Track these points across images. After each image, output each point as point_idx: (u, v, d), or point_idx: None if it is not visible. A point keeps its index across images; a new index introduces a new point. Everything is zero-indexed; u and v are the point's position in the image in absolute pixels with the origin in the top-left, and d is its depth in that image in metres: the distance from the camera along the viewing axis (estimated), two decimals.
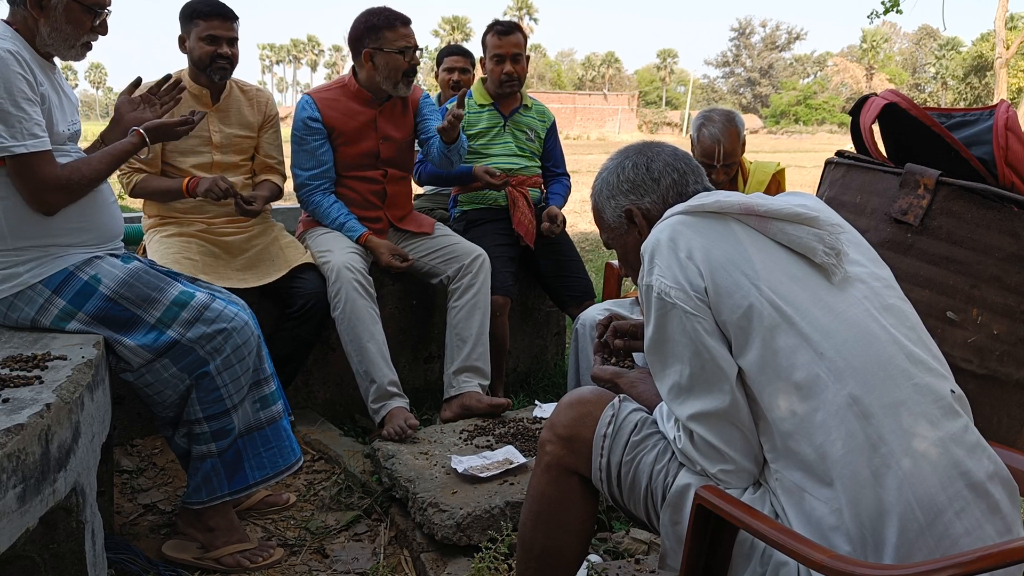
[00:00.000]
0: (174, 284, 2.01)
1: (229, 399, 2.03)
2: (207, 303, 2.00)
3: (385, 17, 2.76)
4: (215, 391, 2.00)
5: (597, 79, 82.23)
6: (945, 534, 1.15)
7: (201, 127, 2.70)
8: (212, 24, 2.62)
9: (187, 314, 1.96)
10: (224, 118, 2.77)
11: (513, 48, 3.19)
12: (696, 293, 1.29)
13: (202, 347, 1.97)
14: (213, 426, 2.03)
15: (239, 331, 2.02)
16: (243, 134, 2.81)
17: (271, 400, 2.15)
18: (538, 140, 3.36)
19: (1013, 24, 36.67)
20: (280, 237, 2.86)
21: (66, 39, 1.94)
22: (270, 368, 2.15)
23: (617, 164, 1.57)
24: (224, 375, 2.00)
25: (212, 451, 2.04)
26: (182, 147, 2.68)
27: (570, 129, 46.99)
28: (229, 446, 2.06)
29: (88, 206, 1.96)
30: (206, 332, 1.97)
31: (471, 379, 2.79)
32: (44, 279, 1.89)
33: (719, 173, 2.74)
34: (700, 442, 1.30)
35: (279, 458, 2.14)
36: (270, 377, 2.15)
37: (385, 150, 2.93)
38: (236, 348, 2.01)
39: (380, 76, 2.79)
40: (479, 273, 2.88)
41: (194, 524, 2.13)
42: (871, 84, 68.49)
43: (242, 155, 2.83)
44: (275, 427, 2.15)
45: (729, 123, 2.72)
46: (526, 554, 1.53)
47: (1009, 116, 1.87)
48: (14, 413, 1.38)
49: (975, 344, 1.81)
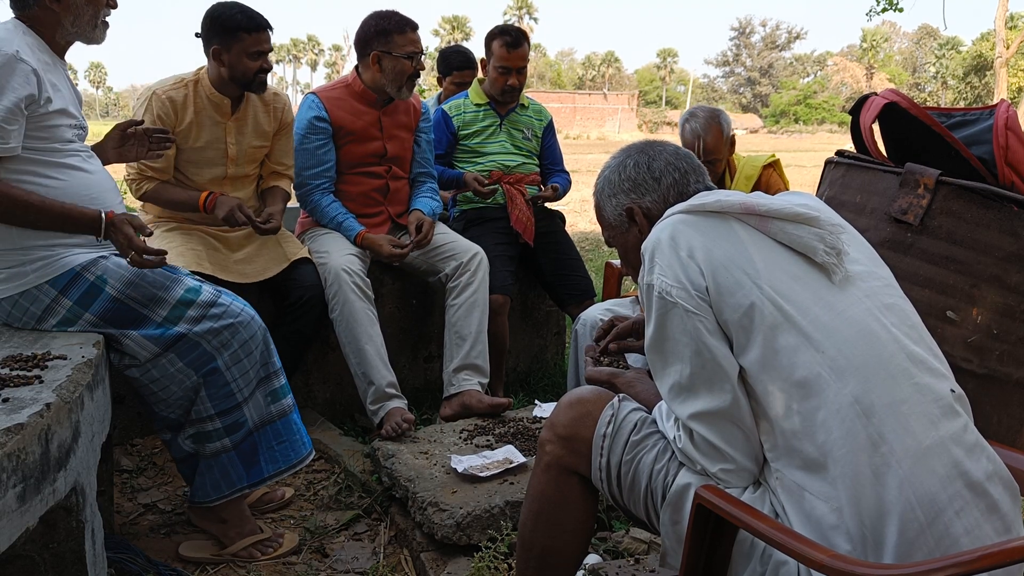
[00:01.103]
0: (180, 282, 2.01)
1: (239, 393, 2.04)
2: (213, 299, 2.01)
3: (396, 22, 2.78)
4: (225, 386, 2.01)
5: (597, 79, 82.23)
6: (945, 533, 1.15)
7: (218, 139, 2.62)
8: (260, 38, 2.50)
9: (194, 311, 1.98)
10: (241, 128, 2.67)
11: (520, 62, 3.21)
12: (697, 292, 1.29)
13: (208, 341, 1.98)
14: (225, 421, 2.04)
15: (246, 325, 2.03)
16: (258, 144, 2.73)
17: (281, 393, 2.15)
18: (535, 139, 3.37)
19: (1013, 24, 36.63)
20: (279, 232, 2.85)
21: (89, 20, 1.96)
22: (278, 362, 2.16)
23: (619, 163, 1.58)
24: (233, 369, 2.02)
25: (227, 446, 2.06)
26: (196, 159, 2.61)
27: (570, 129, 46.97)
28: (244, 438, 2.07)
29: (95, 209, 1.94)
30: (213, 327, 1.98)
31: (471, 377, 2.80)
32: (50, 279, 1.89)
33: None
34: (700, 441, 1.30)
35: (291, 452, 2.15)
36: (279, 371, 2.15)
37: (391, 148, 2.96)
38: (243, 343, 2.02)
39: (386, 79, 2.81)
40: (477, 271, 2.88)
41: (207, 518, 2.14)
42: (871, 83, 68.49)
43: (253, 164, 2.77)
44: (286, 420, 2.15)
45: (712, 120, 2.75)
46: (526, 554, 1.53)
47: (1009, 115, 1.87)
48: (14, 413, 1.38)
49: (975, 344, 1.81)
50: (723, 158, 2.80)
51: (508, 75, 3.21)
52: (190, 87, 2.56)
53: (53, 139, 1.90)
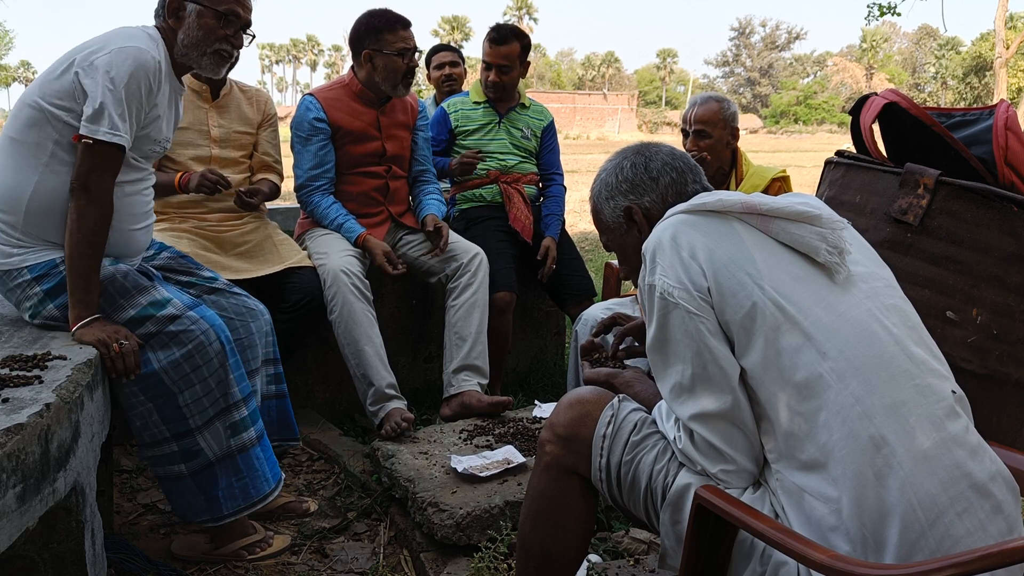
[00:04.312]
0: (149, 293, 1.94)
1: (192, 419, 1.94)
2: (172, 316, 1.91)
3: (386, 19, 2.79)
4: (177, 410, 1.92)
5: (597, 79, 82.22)
6: (947, 535, 1.15)
7: (200, 120, 2.70)
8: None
9: (151, 326, 1.90)
10: (224, 113, 2.76)
11: (500, 59, 3.19)
12: (699, 293, 1.29)
13: (157, 358, 1.89)
14: (182, 445, 1.95)
15: (201, 351, 1.93)
16: (242, 129, 2.81)
17: (242, 426, 2.01)
18: (535, 138, 3.37)
19: (1013, 24, 36.66)
20: (274, 234, 2.85)
21: (197, 45, 1.97)
22: (241, 392, 2.02)
23: (615, 165, 1.58)
24: (185, 394, 1.93)
25: (183, 472, 1.97)
26: (180, 139, 2.66)
27: (570, 129, 46.97)
28: (201, 469, 1.98)
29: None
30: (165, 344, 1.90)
31: (470, 378, 2.79)
32: (30, 265, 1.89)
33: (692, 142, 2.82)
34: (701, 442, 1.30)
35: (251, 489, 2.03)
36: (242, 401, 2.01)
37: (390, 148, 2.96)
38: (196, 368, 1.92)
39: (379, 77, 2.82)
40: (477, 272, 2.88)
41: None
42: (871, 84, 68.48)
43: (241, 151, 2.82)
44: (246, 456, 2.02)
45: (712, 99, 2.85)
46: (525, 554, 1.53)
47: (1009, 116, 1.87)
48: (14, 413, 1.38)
49: (975, 344, 1.81)
50: (716, 138, 2.79)
51: (489, 70, 3.22)
52: None
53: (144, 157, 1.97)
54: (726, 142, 2.81)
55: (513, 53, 3.20)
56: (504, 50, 3.18)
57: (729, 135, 2.81)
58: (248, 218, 2.84)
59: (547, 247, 3.20)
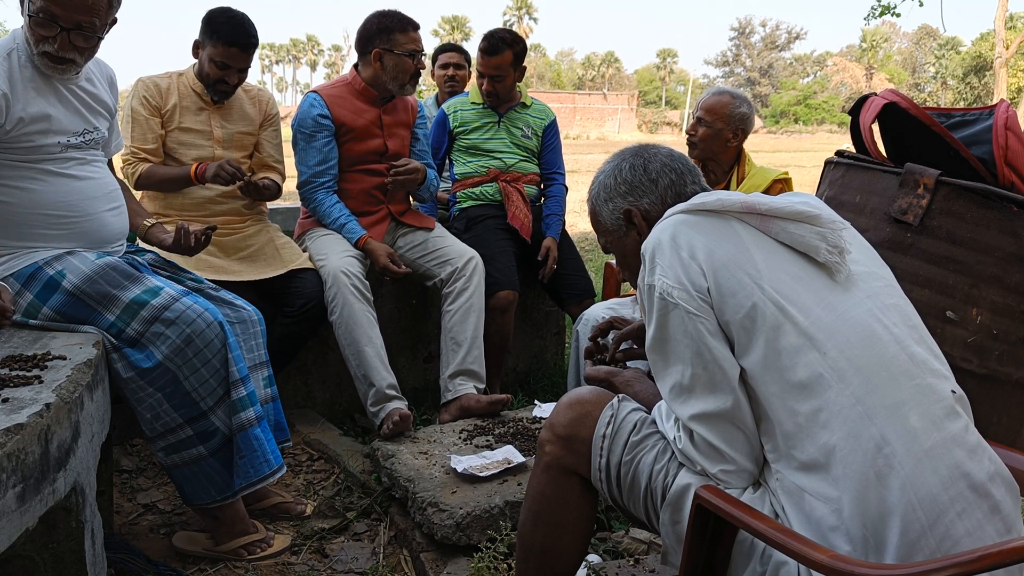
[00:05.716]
0: (141, 282, 1.96)
1: (203, 402, 1.98)
2: (168, 303, 1.93)
3: (398, 20, 2.82)
4: (186, 395, 1.95)
5: (597, 79, 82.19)
6: (947, 535, 1.15)
7: (203, 122, 2.73)
8: (229, 52, 2.62)
9: (146, 313, 1.92)
10: (226, 115, 2.79)
11: (492, 70, 3.20)
12: (699, 293, 1.29)
13: (157, 347, 1.91)
14: (196, 428, 1.99)
15: (200, 334, 1.95)
16: (245, 130, 2.83)
17: (240, 406, 2.03)
18: (535, 137, 3.37)
19: (1013, 24, 36.65)
20: (276, 237, 2.86)
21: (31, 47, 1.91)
22: (239, 372, 2.04)
23: (614, 167, 1.57)
24: (191, 379, 1.95)
25: (203, 453, 2.00)
26: (184, 140, 2.70)
27: (570, 129, 46.96)
28: (221, 446, 2.02)
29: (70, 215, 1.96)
30: (163, 333, 1.92)
31: (466, 382, 2.80)
32: (15, 272, 1.90)
33: (692, 125, 2.86)
34: (701, 442, 1.30)
35: (250, 469, 2.04)
36: (239, 381, 2.03)
37: (392, 146, 2.97)
38: (198, 352, 1.95)
39: (387, 76, 2.84)
40: (472, 276, 2.89)
41: (202, 513, 2.13)
42: (871, 84, 68.45)
43: (244, 151, 2.84)
44: (244, 435, 2.04)
45: (726, 92, 2.88)
46: (525, 554, 1.53)
47: (1009, 115, 1.87)
48: (14, 413, 1.38)
49: (975, 344, 1.81)
50: (716, 130, 2.79)
51: (483, 79, 3.24)
52: (174, 78, 2.74)
53: (31, 151, 1.92)
54: (726, 139, 2.81)
55: (505, 62, 3.19)
56: (495, 60, 3.19)
57: (731, 133, 2.81)
58: (250, 221, 2.85)
59: (548, 247, 3.21)
